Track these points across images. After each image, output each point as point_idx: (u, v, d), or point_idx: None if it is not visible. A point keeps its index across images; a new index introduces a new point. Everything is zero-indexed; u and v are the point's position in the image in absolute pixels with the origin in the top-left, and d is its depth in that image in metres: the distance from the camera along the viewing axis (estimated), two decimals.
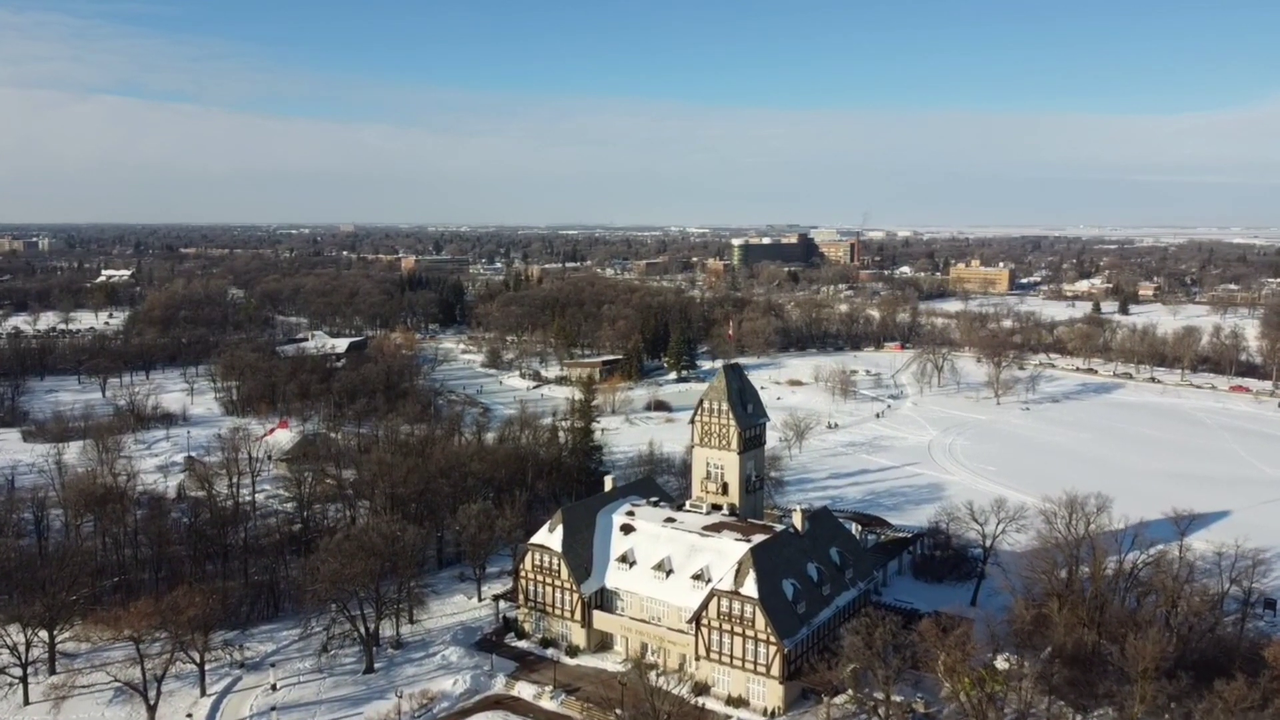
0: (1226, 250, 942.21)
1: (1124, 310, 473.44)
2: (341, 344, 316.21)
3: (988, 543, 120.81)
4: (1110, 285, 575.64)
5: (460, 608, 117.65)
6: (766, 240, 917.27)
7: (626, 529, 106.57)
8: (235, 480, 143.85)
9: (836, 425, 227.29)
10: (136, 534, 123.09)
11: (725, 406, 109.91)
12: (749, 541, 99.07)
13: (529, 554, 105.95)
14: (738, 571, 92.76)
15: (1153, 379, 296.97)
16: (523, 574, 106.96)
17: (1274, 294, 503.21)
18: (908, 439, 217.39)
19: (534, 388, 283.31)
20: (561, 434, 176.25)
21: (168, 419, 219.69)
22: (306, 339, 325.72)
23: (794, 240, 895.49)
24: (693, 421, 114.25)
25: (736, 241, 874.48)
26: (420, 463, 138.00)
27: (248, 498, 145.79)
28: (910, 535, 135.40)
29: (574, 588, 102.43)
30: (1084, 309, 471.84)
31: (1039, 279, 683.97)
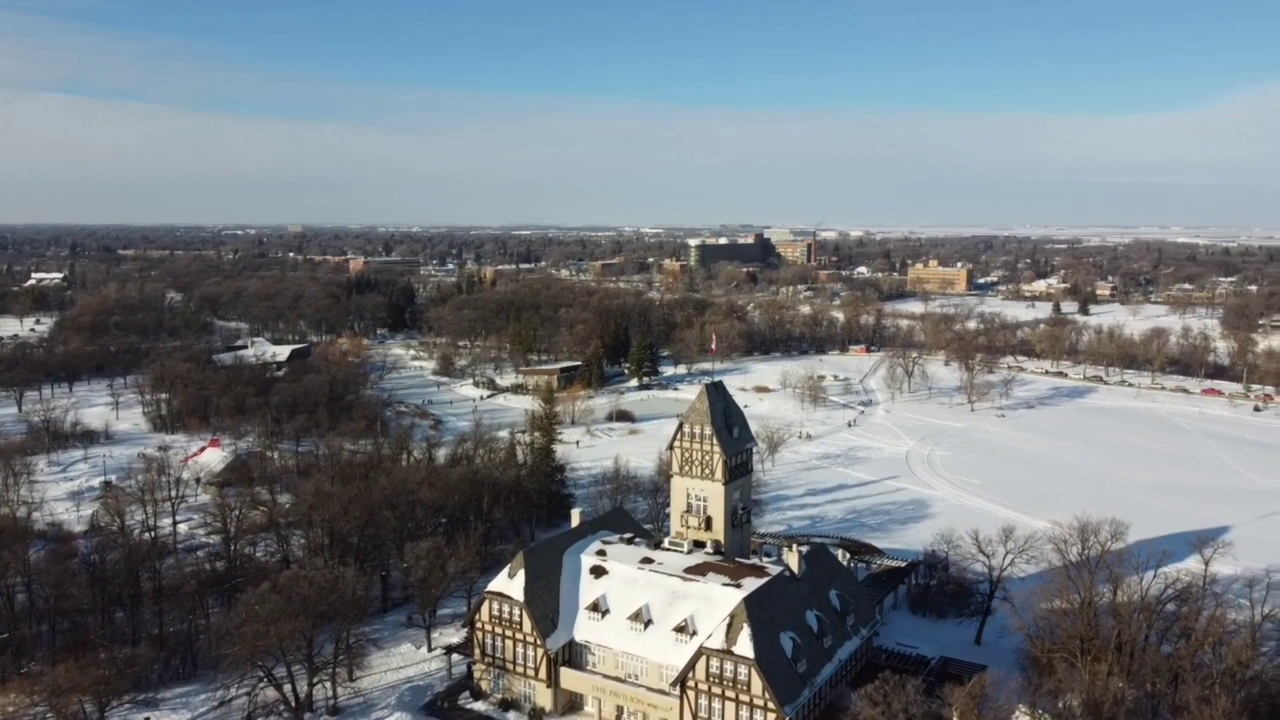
0: (1173, 250, 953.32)
1: (1084, 310, 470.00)
2: (283, 351, 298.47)
3: (995, 575, 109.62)
4: (1068, 285, 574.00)
5: (407, 660, 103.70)
6: (723, 240, 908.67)
7: (598, 572, 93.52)
8: (154, 510, 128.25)
9: (810, 436, 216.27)
10: (30, 580, 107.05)
11: (708, 431, 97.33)
12: (739, 586, 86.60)
13: (486, 603, 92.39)
14: (730, 626, 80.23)
15: (1124, 382, 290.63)
16: (479, 625, 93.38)
17: (1231, 293, 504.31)
18: (884, 449, 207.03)
19: (489, 396, 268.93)
20: (520, 451, 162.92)
21: (88, 437, 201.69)
22: (245, 346, 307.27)
23: (751, 240, 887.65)
24: (671, 448, 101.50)
25: (693, 242, 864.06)
26: (363, 490, 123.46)
27: (168, 530, 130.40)
28: (905, 565, 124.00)
29: (538, 642, 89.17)
30: (1044, 309, 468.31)
31: (996, 279, 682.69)
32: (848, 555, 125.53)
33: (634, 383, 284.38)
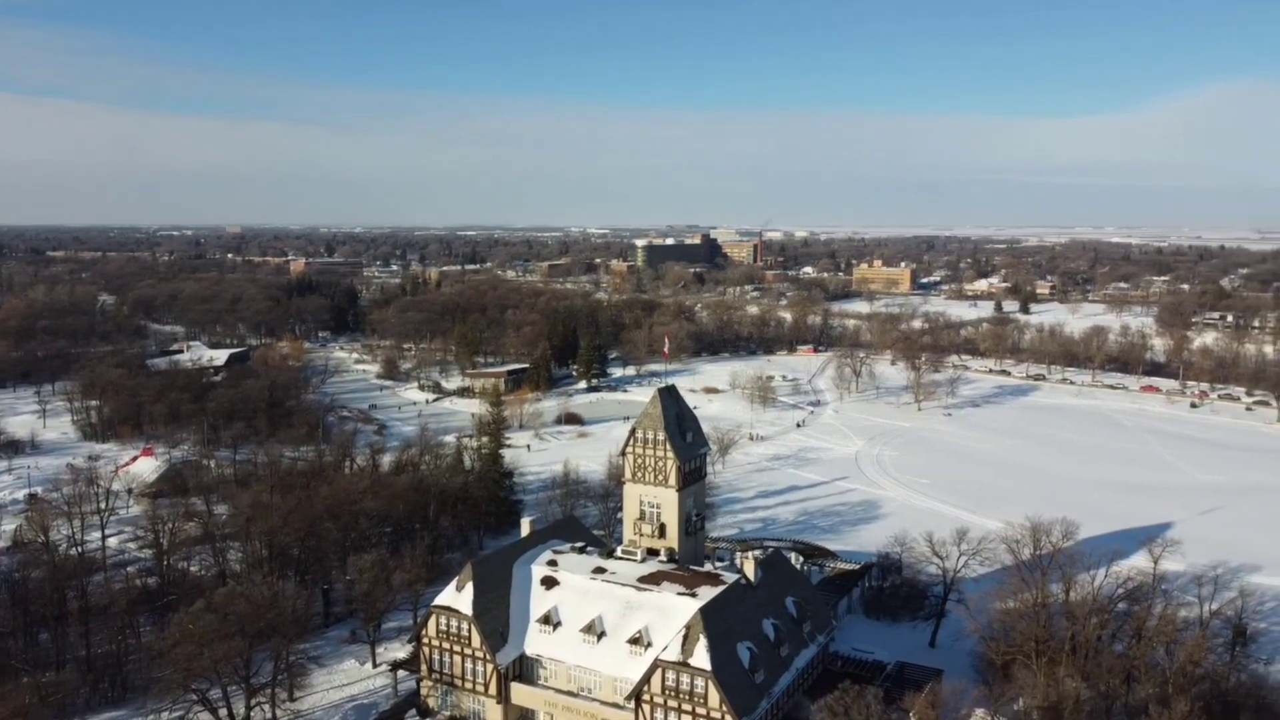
0: (1108, 249, 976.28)
1: (1025, 309, 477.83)
2: (221, 356, 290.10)
3: (949, 577, 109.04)
4: (1008, 285, 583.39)
5: (350, 677, 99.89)
6: (670, 241, 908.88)
7: (549, 583, 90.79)
8: (81, 523, 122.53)
9: (760, 437, 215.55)
10: None
11: (662, 436, 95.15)
12: (694, 596, 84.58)
13: (433, 617, 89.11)
14: (685, 638, 78.12)
15: (1066, 380, 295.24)
16: (426, 641, 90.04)
17: (1165, 292, 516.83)
18: (834, 450, 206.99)
19: (434, 400, 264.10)
20: (467, 457, 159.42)
21: (12, 447, 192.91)
22: (181, 351, 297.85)
23: (697, 241, 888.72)
24: (624, 454, 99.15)
25: (640, 242, 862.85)
26: (304, 500, 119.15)
27: (97, 545, 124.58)
28: (859, 567, 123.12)
29: (488, 657, 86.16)
30: (986, 308, 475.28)
31: (939, 278, 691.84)
32: (801, 559, 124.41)
33: (583, 385, 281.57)
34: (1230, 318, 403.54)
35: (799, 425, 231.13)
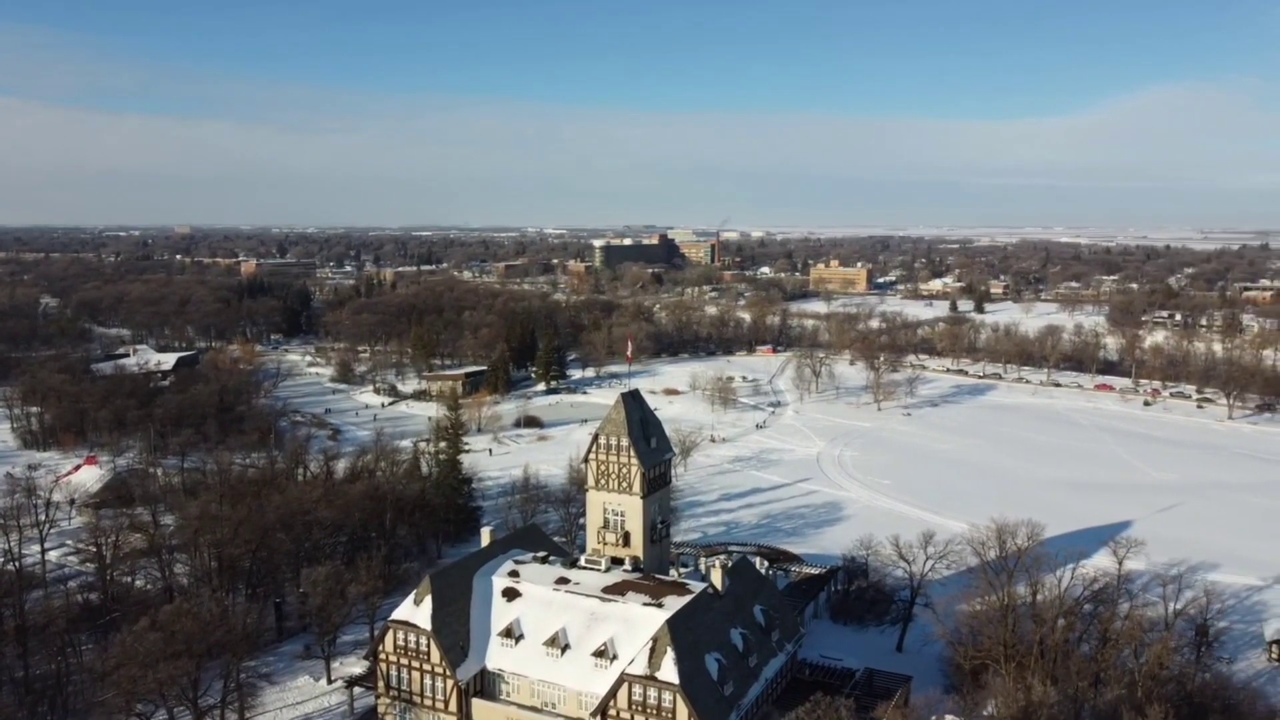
0: (1058, 249, 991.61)
1: (979, 309, 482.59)
2: (169, 360, 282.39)
3: (915, 581, 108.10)
4: (963, 284, 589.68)
5: (304, 694, 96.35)
6: (627, 241, 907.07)
7: (510, 594, 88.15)
8: (19, 536, 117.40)
9: (721, 438, 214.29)
10: None
11: (625, 442, 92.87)
12: (661, 606, 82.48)
13: (390, 632, 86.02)
14: (652, 650, 75.99)
15: (1022, 379, 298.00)
16: (383, 656, 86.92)
17: (1115, 291, 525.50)
18: (795, 451, 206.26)
19: (390, 404, 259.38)
20: (425, 463, 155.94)
21: None
22: (127, 355, 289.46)
23: (655, 241, 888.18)
24: (586, 460, 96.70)
25: (597, 243, 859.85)
26: (255, 510, 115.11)
27: (35, 559, 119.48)
28: (825, 571, 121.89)
29: (447, 672, 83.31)
30: (942, 308, 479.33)
31: (894, 278, 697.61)
32: (766, 564, 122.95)
33: (542, 387, 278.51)
34: (1179, 316, 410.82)
35: (759, 426, 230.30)
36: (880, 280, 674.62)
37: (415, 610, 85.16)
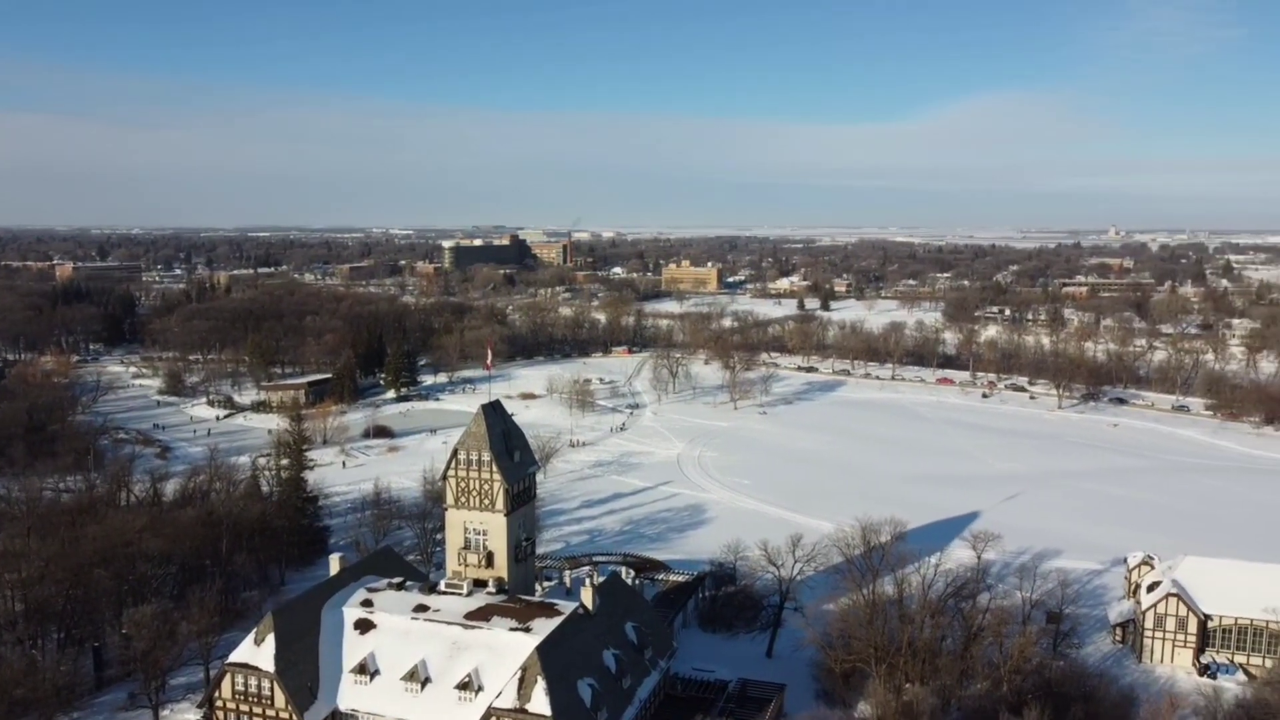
0: (895, 248, 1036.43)
1: (825, 307, 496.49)
2: None
3: (785, 585, 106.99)
4: (809, 283, 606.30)
5: None
6: (478, 242, 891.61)
7: (363, 626, 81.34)
8: None
9: (581, 443, 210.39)
10: None
11: (487, 457, 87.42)
12: (528, 631, 77.67)
13: (228, 676, 77.78)
14: (521, 680, 71.15)
15: (869, 375, 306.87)
16: (219, 704, 78.55)
17: (949, 289, 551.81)
18: (655, 453, 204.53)
19: (226, 416, 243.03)
20: (265, 481, 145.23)
21: None
22: None
23: (506, 242, 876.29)
24: (445, 478, 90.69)
25: (447, 244, 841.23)
26: (69, 544, 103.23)
27: None
28: (693, 578, 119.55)
29: (294, 717, 75.86)
30: (790, 306, 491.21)
31: (744, 277, 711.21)
32: (633, 574, 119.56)
33: (391, 394, 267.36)
34: (1008, 311, 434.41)
35: (614, 430, 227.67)
36: (730, 280, 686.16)
37: (256, 650, 77.24)
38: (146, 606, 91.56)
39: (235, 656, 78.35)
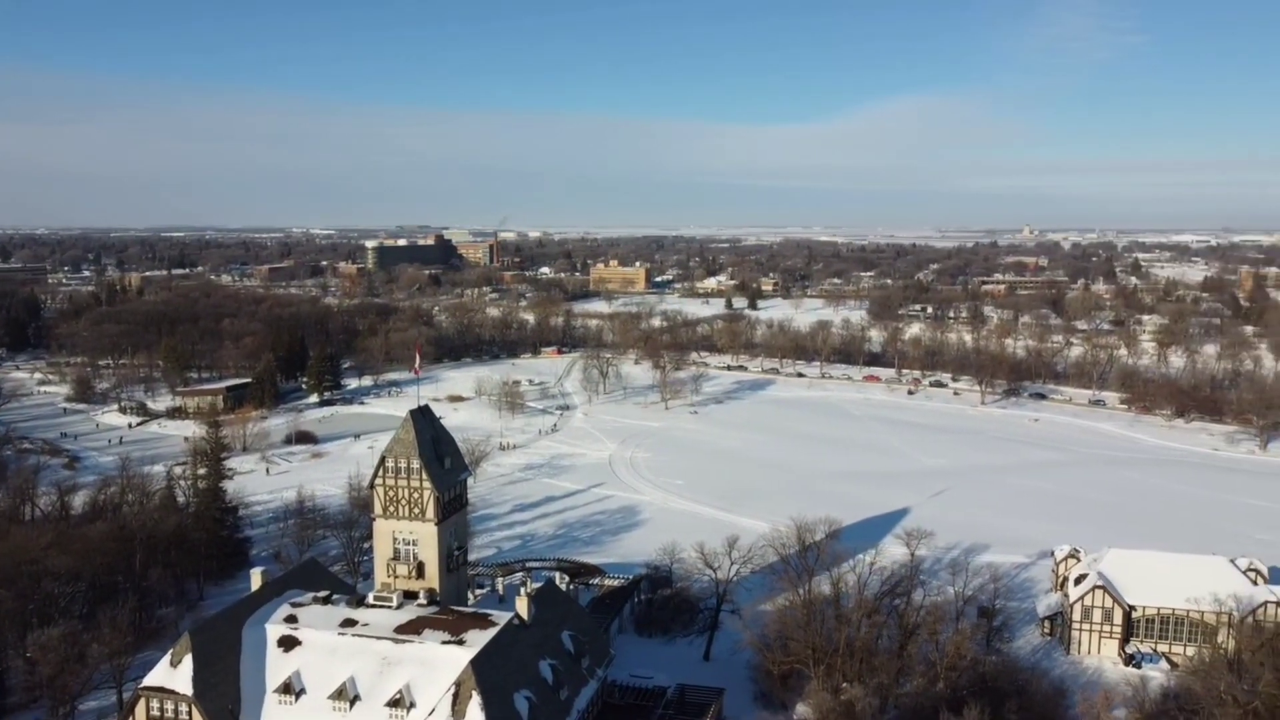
0: (819, 247, 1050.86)
1: (753, 305, 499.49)
2: None
3: (721, 588, 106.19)
4: (736, 282, 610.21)
5: None
6: (402, 242, 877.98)
7: (288, 644, 77.85)
8: None
9: (512, 445, 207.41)
10: None
11: (416, 464, 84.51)
12: (462, 643, 75.18)
13: (142, 702, 73.66)
14: (456, 696, 68.73)
15: (798, 373, 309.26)
16: None
17: (873, 287, 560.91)
18: (587, 455, 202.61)
19: (139, 424, 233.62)
20: (181, 491, 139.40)
21: None
22: None
23: (431, 242, 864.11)
24: (372, 486, 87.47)
25: (370, 244, 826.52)
26: None
27: None
28: (628, 582, 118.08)
29: None
30: (718, 305, 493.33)
31: (671, 277, 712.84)
32: (567, 579, 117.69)
33: (314, 399, 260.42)
34: (930, 309, 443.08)
35: (546, 432, 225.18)
36: (659, 279, 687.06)
37: (172, 673, 73.25)
38: (53, 628, 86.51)
39: (150, 680, 74.20)
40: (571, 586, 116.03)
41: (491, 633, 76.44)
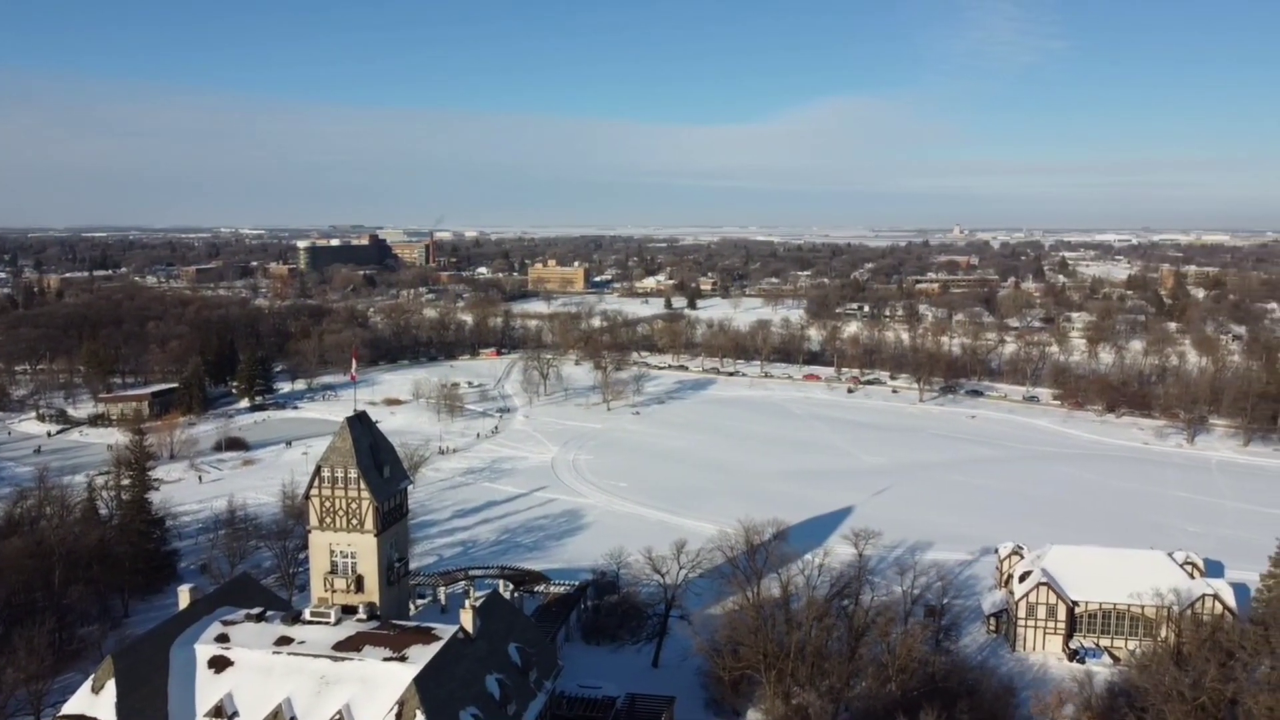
0: (756, 247, 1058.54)
1: (692, 305, 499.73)
2: None
3: (670, 593, 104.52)
4: (675, 282, 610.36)
5: None
6: (335, 242, 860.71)
7: (219, 664, 73.91)
8: None
9: (451, 449, 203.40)
10: None
11: (354, 474, 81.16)
12: (404, 660, 72.10)
13: None
14: (399, 715, 65.71)
15: (738, 372, 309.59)
16: None
17: (810, 286, 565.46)
18: (529, 458, 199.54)
19: (59, 432, 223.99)
20: (104, 503, 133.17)
21: None
22: None
23: (366, 241, 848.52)
24: (308, 497, 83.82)
25: (301, 244, 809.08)
26: None
27: None
28: (575, 589, 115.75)
29: None
30: (658, 305, 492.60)
31: (610, 276, 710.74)
32: (511, 587, 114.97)
33: (245, 404, 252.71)
34: (867, 308, 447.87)
35: (480, 436, 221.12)
36: (597, 279, 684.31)
37: (94, 699, 68.93)
38: None
39: (70, 707, 69.74)
40: (516, 595, 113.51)
41: (435, 648, 73.47)
